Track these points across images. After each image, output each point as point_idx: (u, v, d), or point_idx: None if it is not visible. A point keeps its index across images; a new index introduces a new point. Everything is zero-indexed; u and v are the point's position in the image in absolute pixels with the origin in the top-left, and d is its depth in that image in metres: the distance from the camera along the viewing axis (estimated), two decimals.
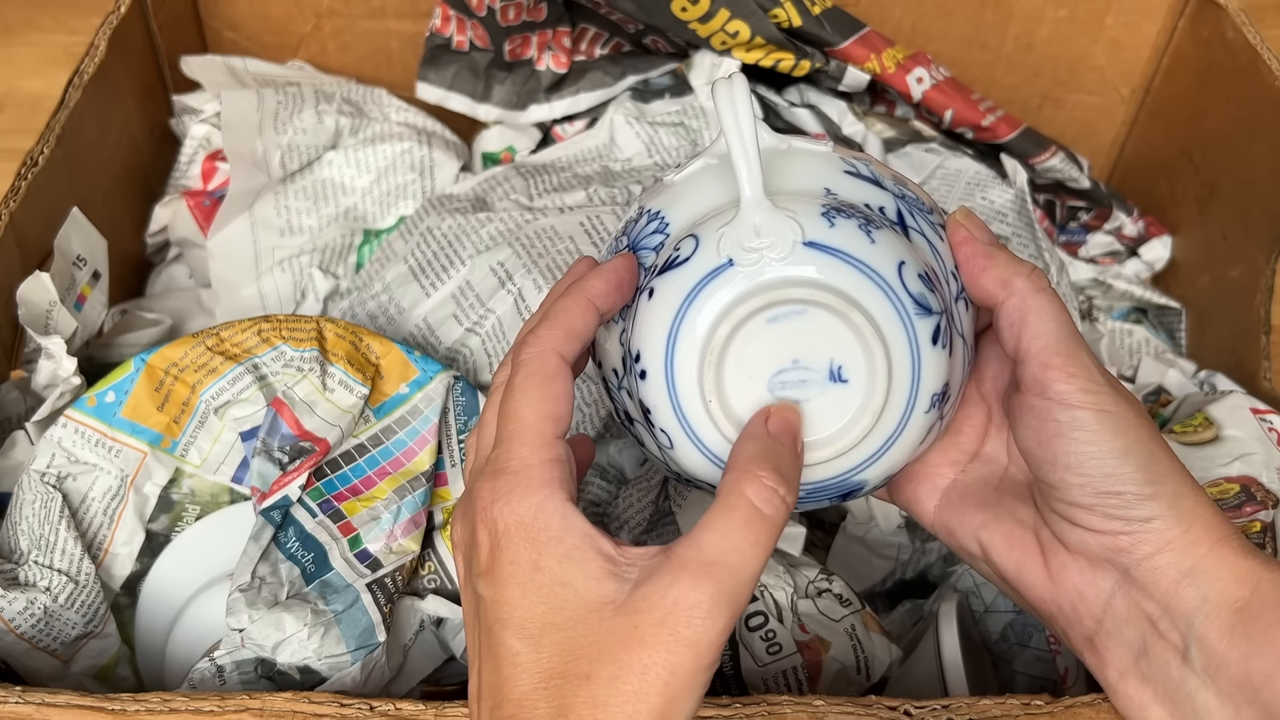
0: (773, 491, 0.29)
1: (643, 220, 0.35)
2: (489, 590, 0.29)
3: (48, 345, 0.46)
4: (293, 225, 0.60)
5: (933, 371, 0.32)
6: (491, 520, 0.29)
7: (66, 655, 0.43)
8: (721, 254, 0.31)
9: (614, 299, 0.33)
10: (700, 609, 0.27)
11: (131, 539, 0.45)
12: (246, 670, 0.40)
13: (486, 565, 0.29)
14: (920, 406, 0.32)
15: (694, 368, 0.31)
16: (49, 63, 0.79)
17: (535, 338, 0.32)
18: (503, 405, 0.31)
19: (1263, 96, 0.57)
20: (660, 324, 0.32)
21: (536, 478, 0.29)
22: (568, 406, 0.31)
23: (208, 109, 0.63)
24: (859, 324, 0.31)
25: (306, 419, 0.45)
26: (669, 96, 0.62)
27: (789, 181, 0.33)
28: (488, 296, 0.54)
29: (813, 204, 0.32)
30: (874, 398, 0.31)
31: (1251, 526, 0.45)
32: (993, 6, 0.66)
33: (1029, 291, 0.32)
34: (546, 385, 0.31)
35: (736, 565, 0.28)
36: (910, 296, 0.31)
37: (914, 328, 0.31)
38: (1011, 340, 0.33)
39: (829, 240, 0.31)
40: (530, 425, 0.30)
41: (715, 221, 0.32)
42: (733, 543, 0.28)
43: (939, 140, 0.63)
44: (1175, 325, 0.63)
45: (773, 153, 0.34)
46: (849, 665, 0.45)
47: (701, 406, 0.32)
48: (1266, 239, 0.55)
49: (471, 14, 0.63)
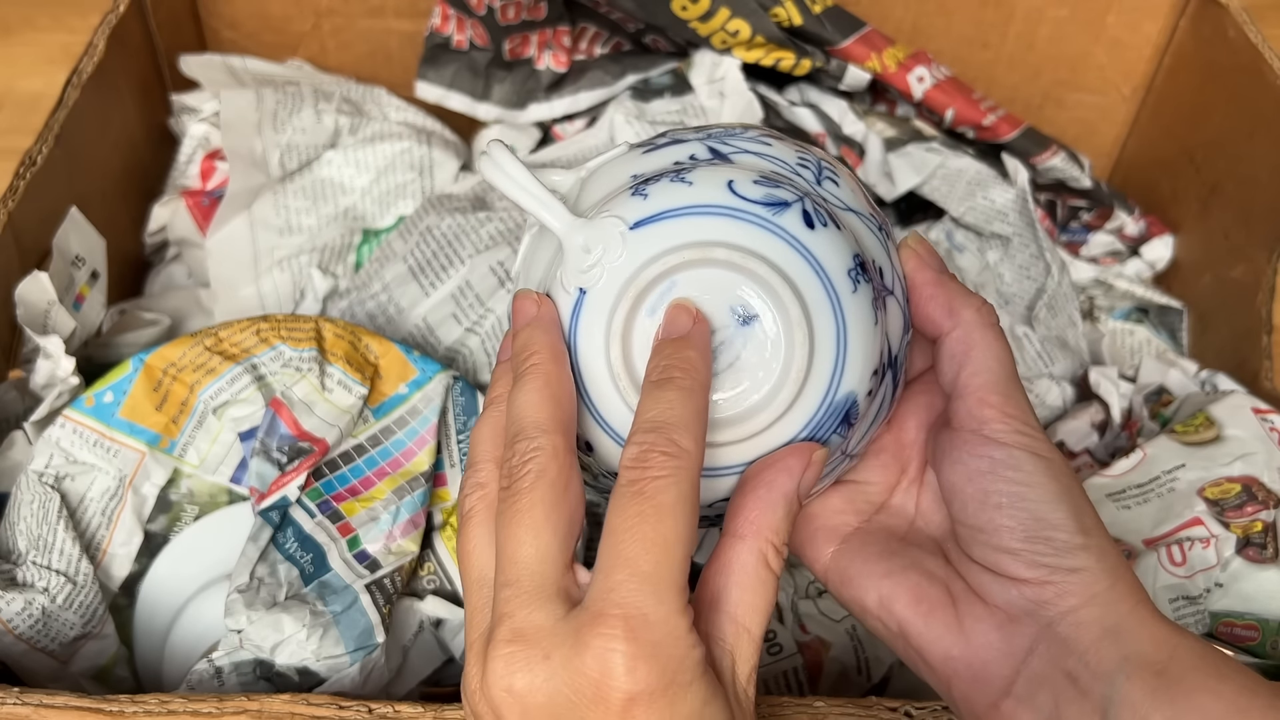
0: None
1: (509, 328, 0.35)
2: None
3: (46, 345, 0.46)
4: (292, 225, 0.60)
5: (827, 245, 0.30)
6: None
7: (64, 656, 0.42)
8: (570, 290, 0.30)
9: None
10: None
11: (130, 539, 0.45)
12: (245, 671, 0.40)
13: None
14: (841, 287, 0.30)
15: (618, 402, 0.30)
16: (47, 62, 0.79)
17: (536, 426, 0.29)
18: (511, 531, 0.28)
19: (1264, 96, 0.56)
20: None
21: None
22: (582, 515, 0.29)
23: (206, 108, 0.63)
24: (724, 257, 0.29)
25: (305, 419, 0.45)
26: (669, 96, 0.62)
27: (596, 194, 0.33)
28: (487, 296, 0.54)
29: (623, 193, 0.31)
30: (787, 302, 0.29)
31: (1253, 526, 0.45)
32: (994, 5, 0.66)
33: (976, 324, 0.32)
34: (560, 505, 0.28)
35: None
36: (754, 202, 0.30)
37: (776, 224, 0.30)
38: (950, 372, 0.32)
39: (650, 210, 0.30)
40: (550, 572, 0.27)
41: (551, 270, 0.32)
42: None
43: (940, 140, 0.63)
44: (1177, 325, 0.63)
45: (576, 184, 0.34)
46: (850, 666, 0.45)
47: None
48: (1268, 238, 0.55)
49: (471, 13, 0.63)
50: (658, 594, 0.26)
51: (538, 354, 0.30)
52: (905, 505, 0.35)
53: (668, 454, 0.27)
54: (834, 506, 0.35)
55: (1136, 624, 0.29)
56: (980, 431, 0.31)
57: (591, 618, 0.26)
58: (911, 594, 0.32)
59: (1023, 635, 0.30)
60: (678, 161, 0.32)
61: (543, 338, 0.30)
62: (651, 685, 0.25)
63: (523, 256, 0.35)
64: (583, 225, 0.30)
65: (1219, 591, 0.44)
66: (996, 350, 0.32)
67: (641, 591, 0.26)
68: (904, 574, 0.32)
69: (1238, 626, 0.43)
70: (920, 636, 0.31)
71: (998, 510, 0.30)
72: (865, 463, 0.35)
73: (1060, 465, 0.30)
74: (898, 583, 0.32)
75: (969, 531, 0.31)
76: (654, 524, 0.26)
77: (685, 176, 0.30)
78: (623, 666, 0.25)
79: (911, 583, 0.32)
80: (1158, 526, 0.47)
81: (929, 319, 0.32)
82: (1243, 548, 0.45)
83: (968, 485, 0.31)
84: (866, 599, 0.32)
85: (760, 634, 0.28)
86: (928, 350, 0.35)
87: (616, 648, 0.25)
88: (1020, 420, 0.31)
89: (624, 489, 0.27)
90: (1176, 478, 0.48)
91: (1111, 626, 0.29)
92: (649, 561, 0.26)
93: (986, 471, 0.30)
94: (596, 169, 0.34)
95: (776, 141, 0.33)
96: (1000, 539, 0.30)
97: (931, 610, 0.31)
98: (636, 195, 0.30)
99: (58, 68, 0.56)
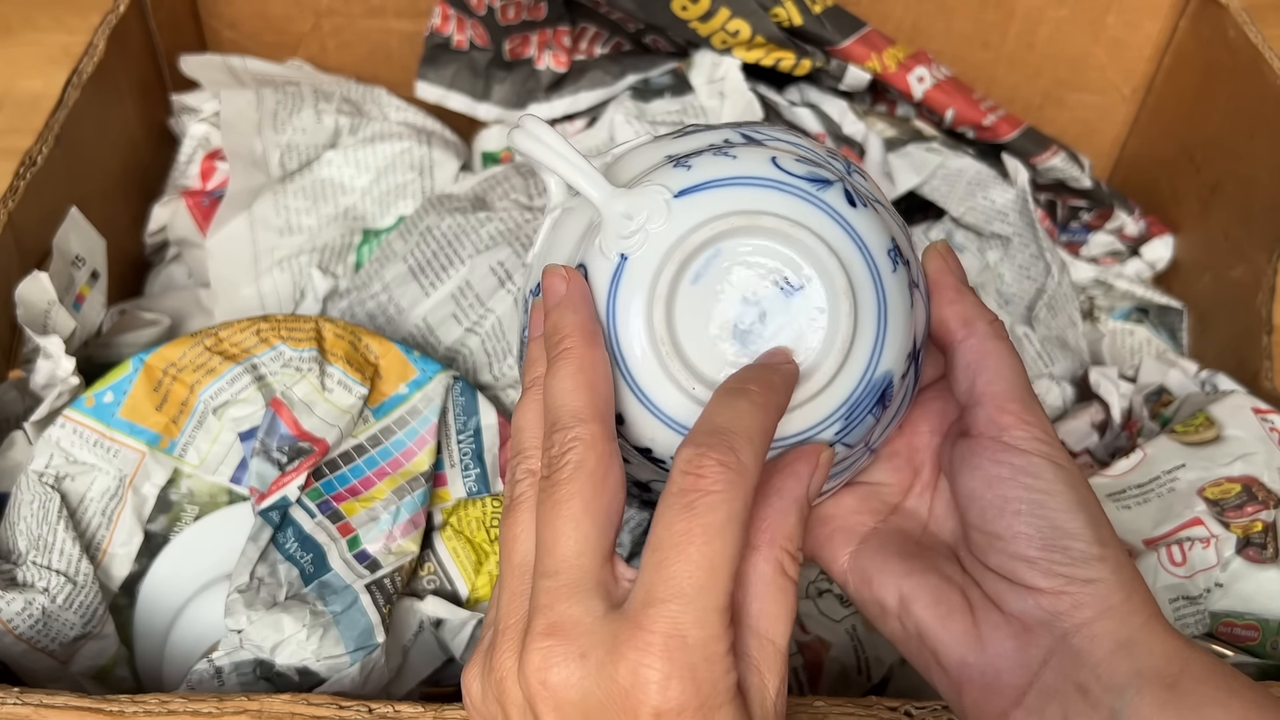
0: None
1: (532, 303, 0.34)
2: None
3: (46, 345, 0.46)
4: (292, 225, 0.60)
5: (868, 223, 0.30)
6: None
7: (65, 656, 0.42)
8: (611, 255, 0.30)
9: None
10: None
11: (130, 539, 0.45)
12: (245, 672, 0.40)
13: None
14: (883, 265, 0.30)
15: (659, 372, 0.30)
16: (48, 62, 0.79)
17: (572, 415, 0.28)
18: (550, 523, 0.28)
19: (1264, 96, 0.56)
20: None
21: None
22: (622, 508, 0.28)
23: (206, 108, 0.63)
24: (771, 225, 0.29)
25: (305, 419, 0.45)
26: (669, 96, 0.62)
27: (629, 172, 0.33)
28: (487, 296, 0.54)
29: (664, 167, 0.31)
30: (834, 272, 0.29)
31: (1253, 526, 0.45)
32: (994, 5, 0.66)
33: (989, 335, 0.32)
34: (599, 495, 0.28)
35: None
36: (799, 177, 0.30)
37: (821, 199, 0.30)
38: (966, 380, 0.32)
39: (696, 179, 0.30)
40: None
41: (588, 240, 0.31)
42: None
43: (940, 140, 0.63)
44: (1177, 325, 0.63)
45: (602, 168, 0.33)
46: (850, 665, 0.45)
47: (692, 404, 0.30)
48: (1268, 238, 0.55)
49: (471, 13, 0.63)
50: (699, 617, 0.26)
51: (569, 337, 0.29)
52: (919, 509, 0.35)
53: (725, 465, 0.27)
54: (850, 507, 0.35)
55: (1149, 637, 0.29)
56: (1000, 438, 0.31)
57: (631, 629, 0.26)
58: (931, 595, 0.32)
59: (1038, 646, 0.30)
60: (714, 143, 0.32)
61: (573, 318, 0.30)
62: (684, 704, 0.25)
63: (542, 240, 0.34)
64: (624, 194, 0.30)
65: (1219, 591, 0.44)
66: (1010, 360, 0.32)
67: (684, 613, 0.26)
68: (924, 575, 0.32)
69: (1238, 626, 0.43)
70: (937, 639, 0.31)
71: (1016, 517, 0.30)
72: (878, 464, 0.36)
73: (1078, 476, 0.31)
74: (918, 583, 0.32)
75: (986, 538, 0.31)
76: (701, 545, 0.26)
77: (729, 152, 0.30)
78: (656, 683, 0.25)
79: (931, 584, 0.32)
80: (1158, 526, 0.47)
81: (945, 325, 0.33)
82: (1243, 548, 0.45)
83: (986, 491, 0.31)
84: (887, 598, 0.32)
85: (784, 644, 0.28)
86: (939, 360, 0.35)
87: (652, 664, 0.25)
88: (1039, 429, 0.31)
89: (674, 498, 0.27)
90: (1176, 478, 0.48)
91: (1125, 640, 0.29)
92: (693, 584, 0.26)
93: (1006, 478, 0.30)
94: (623, 154, 0.34)
95: (805, 137, 0.34)
96: (1018, 546, 0.30)
97: (950, 613, 0.31)
98: (679, 167, 0.30)
99: (58, 68, 0.56)
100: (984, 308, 0.33)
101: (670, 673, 0.25)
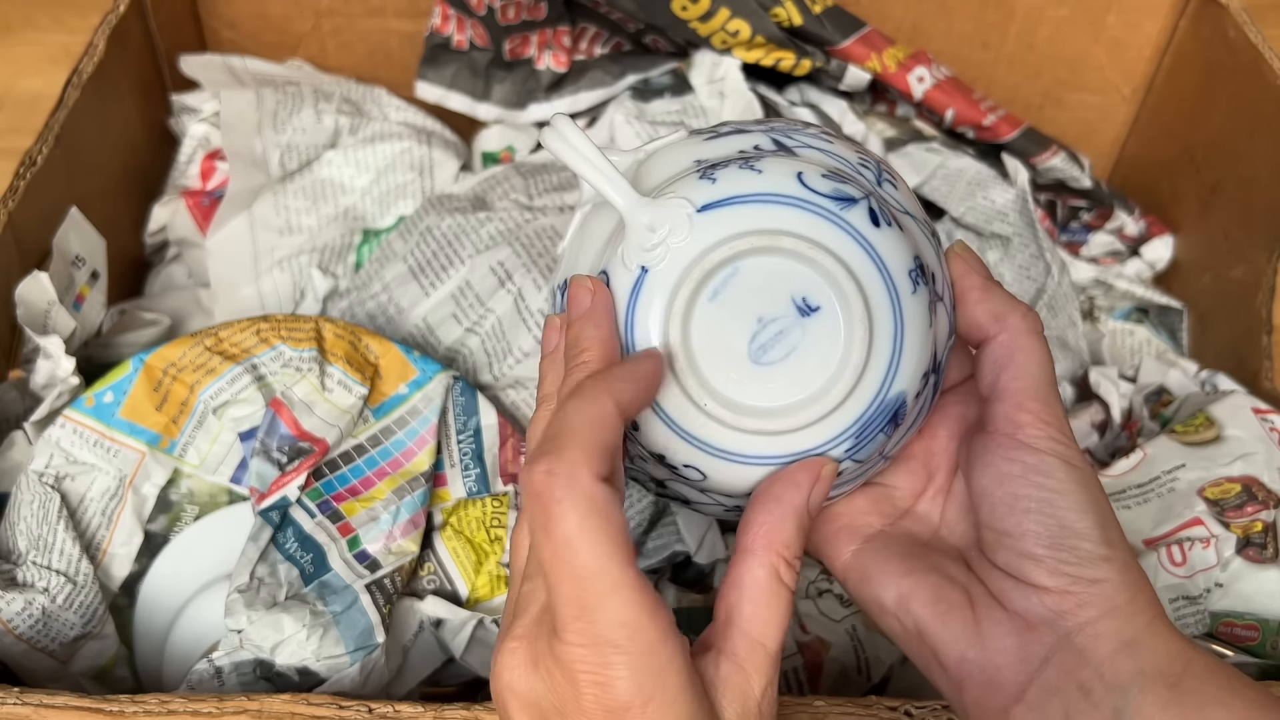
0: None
1: (557, 300, 0.34)
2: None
3: (46, 345, 0.46)
4: (292, 225, 0.60)
5: (890, 244, 0.30)
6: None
7: (65, 656, 0.42)
8: (632, 267, 0.30)
9: (641, 404, 0.29)
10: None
11: (130, 539, 0.45)
12: (245, 671, 0.40)
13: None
14: (902, 287, 0.30)
15: (673, 385, 0.30)
16: (48, 61, 0.79)
17: (559, 459, 0.27)
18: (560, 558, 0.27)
19: (1264, 96, 0.56)
20: None
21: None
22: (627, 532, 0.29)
23: (206, 108, 0.63)
24: (790, 246, 0.30)
25: (305, 419, 0.45)
26: (669, 96, 0.62)
27: (657, 176, 0.33)
28: (487, 296, 0.54)
29: (689, 176, 0.31)
30: (850, 296, 0.30)
31: (1253, 526, 0.45)
32: (994, 5, 0.66)
33: (1022, 330, 0.32)
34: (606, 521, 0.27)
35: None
36: (822, 195, 0.30)
37: (844, 219, 0.30)
38: (990, 375, 0.32)
39: (719, 194, 0.30)
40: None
41: (610, 248, 0.31)
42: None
43: (940, 139, 0.63)
44: (1177, 325, 0.63)
45: (633, 165, 0.34)
46: (850, 665, 0.45)
47: (704, 418, 0.30)
48: (1268, 238, 0.55)
49: (471, 13, 0.63)
50: (578, 621, 0.26)
51: (588, 350, 0.30)
52: (930, 513, 0.35)
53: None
54: (859, 507, 0.35)
55: (1152, 637, 0.29)
56: (1015, 436, 0.31)
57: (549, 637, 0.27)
58: (930, 593, 0.32)
59: (1039, 643, 0.30)
60: (743, 150, 0.32)
61: (594, 332, 0.30)
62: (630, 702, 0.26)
63: (572, 234, 0.35)
64: (648, 204, 0.30)
65: (1219, 591, 0.44)
66: (1039, 357, 0.32)
67: (576, 623, 0.26)
68: (924, 575, 0.32)
69: (1238, 626, 0.43)
70: (937, 636, 0.31)
71: (1025, 515, 0.30)
72: (894, 468, 0.36)
73: (1090, 477, 0.31)
74: (917, 582, 0.32)
75: (995, 535, 0.31)
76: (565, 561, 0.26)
77: (754, 165, 0.30)
78: (613, 684, 0.26)
79: (931, 583, 0.32)
80: (1158, 526, 0.47)
81: (975, 324, 0.33)
82: (1243, 548, 0.45)
83: (997, 489, 0.31)
84: (885, 596, 0.33)
85: (777, 648, 0.29)
86: (964, 362, 0.35)
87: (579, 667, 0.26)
88: (1055, 428, 0.31)
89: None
90: (1176, 478, 0.48)
91: (1128, 640, 0.29)
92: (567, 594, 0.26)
93: (1017, 476, 0.31)
94: (655, 151, 0.34)
95: (838, 140, 0.33)
96: (1025, 544, 0.30)
97: (950, 610, 0.31)
98: (705, 179, 0.30)
99: (58, 68, 0.56)
100: (1015, 301, 0.33)
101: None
